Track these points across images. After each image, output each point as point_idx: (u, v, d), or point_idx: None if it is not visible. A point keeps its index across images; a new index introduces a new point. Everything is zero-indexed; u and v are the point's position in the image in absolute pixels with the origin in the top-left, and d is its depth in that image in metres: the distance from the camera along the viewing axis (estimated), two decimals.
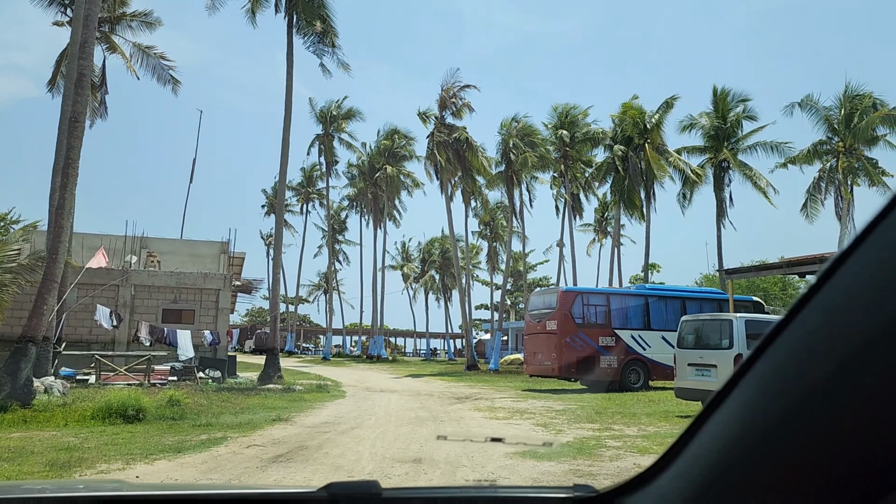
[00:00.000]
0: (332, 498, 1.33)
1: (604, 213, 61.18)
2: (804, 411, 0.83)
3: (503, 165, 37.54)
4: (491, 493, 1.61)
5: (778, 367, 0.88)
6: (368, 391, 20.90)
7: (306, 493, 1.42)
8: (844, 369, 0.78)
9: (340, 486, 1.35)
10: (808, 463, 0.83)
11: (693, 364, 13.63)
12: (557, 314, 21.62)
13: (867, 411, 0.77)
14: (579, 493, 1.34)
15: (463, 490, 1.69)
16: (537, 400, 18.08)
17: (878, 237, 0.77)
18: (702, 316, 14.18)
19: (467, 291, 52.07)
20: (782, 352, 0.87)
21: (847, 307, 0.78)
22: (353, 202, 61.55)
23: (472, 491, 1.75)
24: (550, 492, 1.42)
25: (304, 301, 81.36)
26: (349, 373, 33.13)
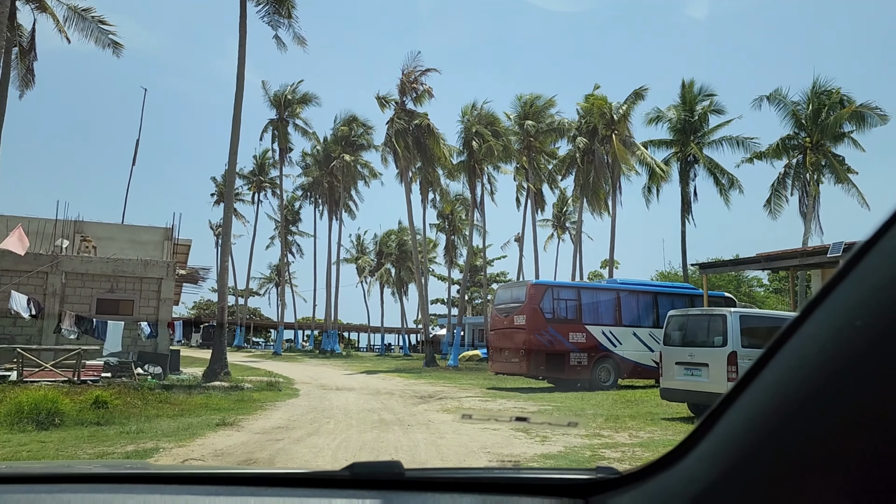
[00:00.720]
0: (355, 477, 1.35)
1: (562, 209, 60.58)
2: (838, 389, 0.81)
3: (465, 155, 36.25)
4: (513, 473, 1.53)
5: (811, 343, 0.85)
6: (324, 389, 19.39)
7: (329, 473, 1.42)
8: (880, 345, 0.78)
9: (363, 465, 1.38)
10: (843, 443, 0.81)
11: (682, 363, 12.56)
12: (526, 308, 20.44)
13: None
14: (602, 474, 1.28)
15: (486, 471, 1.64)
16: (506, 400, 16.86)
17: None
18: (691, 311, 13.12)
19: (425, 285, 50.77)
20: (817, 327, 0.84)
21: (886, 279, 0.79)
22: (307, 192, 59.50)
23: (495, 472, 1.62)
24: (573, 473, 1.39)
25: (254, 294, 78.94)
26: (302, 368, 31.46)
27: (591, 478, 1.30)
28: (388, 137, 34.60)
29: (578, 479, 1.32)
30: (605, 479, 1.26)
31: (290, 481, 1.48)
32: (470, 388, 20.78)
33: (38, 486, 1.49)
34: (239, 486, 1.45)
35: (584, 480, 1.31)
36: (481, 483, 1.43)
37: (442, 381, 24.36)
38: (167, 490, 1.43)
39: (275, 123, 45.92)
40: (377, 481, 1.38)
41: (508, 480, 1.44)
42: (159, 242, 25.49)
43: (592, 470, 1.35)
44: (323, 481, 1.45)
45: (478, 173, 36.47)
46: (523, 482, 1.42)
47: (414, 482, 1.38)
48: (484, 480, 1.45)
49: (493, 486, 1.41)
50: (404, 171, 34.99)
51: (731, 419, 0.95)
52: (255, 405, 13.69)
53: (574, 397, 17.45)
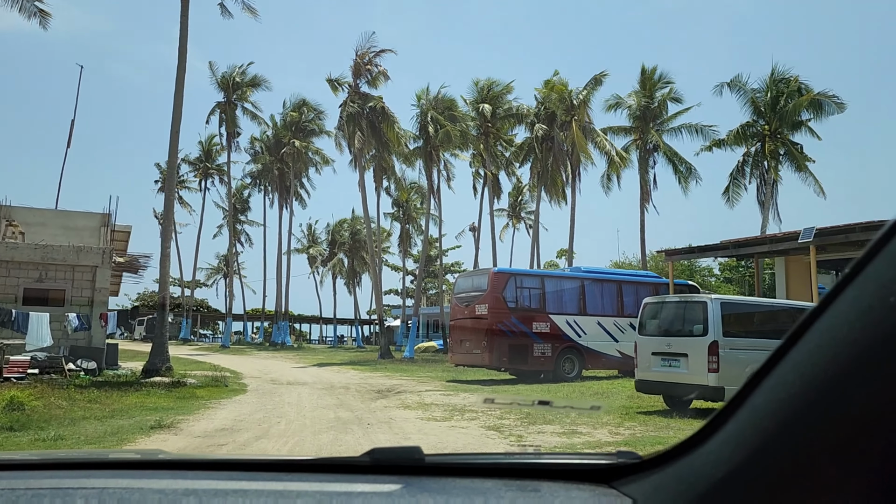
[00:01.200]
0: (375, 463, 1.36)
1: (518, 198, 60.02)
2: (869, 369, 0.79)
3: (421, 140, 35.15)
4: (534, 458, 1.54)
5: (841, 322, 0.83)
6: (274, 384, 18.19)
7: (349, 458, 1.44)
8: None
9: (382, 451, 1.38)
10: (874, 424, 0.79)
11: (658, 353, 11.82)
12: (488, 297, 19.56)
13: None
14: (623, 458, 1.28)
15: (506, 456, 1.64)
16: (469, 393, 15.96)
17: None
18: (668, 298, 12.39)
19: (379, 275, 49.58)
20: (848, 305, 0.83)
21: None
22: (256, 179, 57.50)
23: (516, 457, 1.65)
24: (594, 458, 1.40)
25: (202, 285, 76.41)
26: (251, 362, 30.05)
27: (612, 462, 1.28)
28: (342, 121, 33.27)
29: (600, 464, 1.31)
30: (626, 464, 1.24)
31: (310, 467, 1.47)
32: (429, 381, 19.84)
33: (57, 472, 1.47)
34: (259, 472, 1.44)
35: (605, 465, 1.29)
36: (502, 468, 1.42)
37: (399, 373, 23.37)
38: (186, 476, 1.42)
39: (222, 106, 44.00)
40: (397, 466, 1.38)
41: (529, 465, 1.43)
42: (96, 229, 23.80)
43: (614, 454, 1.33)
44: (342, 467, 1.46)
45: (434, 160, 35.44)
46: (544, 467, 1.41)
47: (434, 467, 1.39)
48: (504, 466, 1.45)
49: (514, 471, 1.40)
50: (358, 157, 33.73)
51: (757, 401, 0.93)
52: (198, 403, 12.46)
53: (540, 390, 16.67)
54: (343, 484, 1.32)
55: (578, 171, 33.51)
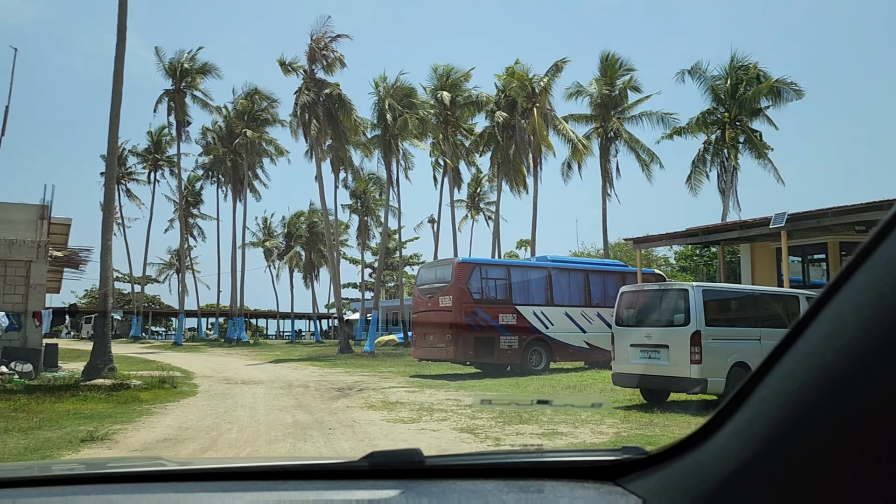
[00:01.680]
0: (374, 467, 1.34)
1: (477, 189, 59.37)
2: (880, 358, 0.78)
3: (379, 129, 34.13)
4: (537, 457, 1.51)
5: (850, 310, 0.81)
6: (227, 384, 17.12)
7: (347, 463, 1.42)
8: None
9: (382, 454, 1.37)
10: (887, 416, 0.77)
11: (637, 345, 11.19)
12: (452, 288, 18.78)
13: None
14: (628, 455, 1.26)
15: (508, 455, 1.59)
16: (435, 390, 15.18)
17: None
18: (647, 287, 11.75)
19: (337, 268, 48.43)
20: (856, 292, 0.81)
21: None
22: (209, 171, 55.62)
23: (518, 456, 1.52)
24: (598, 454, 1.37)
25: (153, 281, 74.02)
26: (204, 360, 28.76)
27: (617, 459, 1.25)
28: (297, 109, 32.04)
29: (605, 461, 1.28)
30: (632, 460, 1.21)
31: (309, 474, 1.44)
32: (392, 377, 19.00)
33: (48, 488, 1.44)
34: (255, 482, 1.42)
35: (610, 462, 1.26)
36: (504, 468, 1.39)
37: (360, 369, 22.47)
38: (181, 488, 1.39)
39: (170, 94, 42.19)
40: (397, 470, 1.35)
41: (532, 464, 1.40)
42: (32, 221, 22.22)
43: (618, 451, 1.30)
44: (342, 472, 1.42)
45: (393, 149, 34.46)
46: (547, 465, 1.38)
47: (434, 470, 1.36)
48: (507, 465, 1.41)
49: (517, 470, 1.37)
50: (314, 146, 32.55)
51: (764, 393, 0.92)
52: (140, 409, 11.38)
53: (509, 385, 15.97)
54: (342, 492, 1.29)
55: (540, 160, 32.93)
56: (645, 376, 11.11)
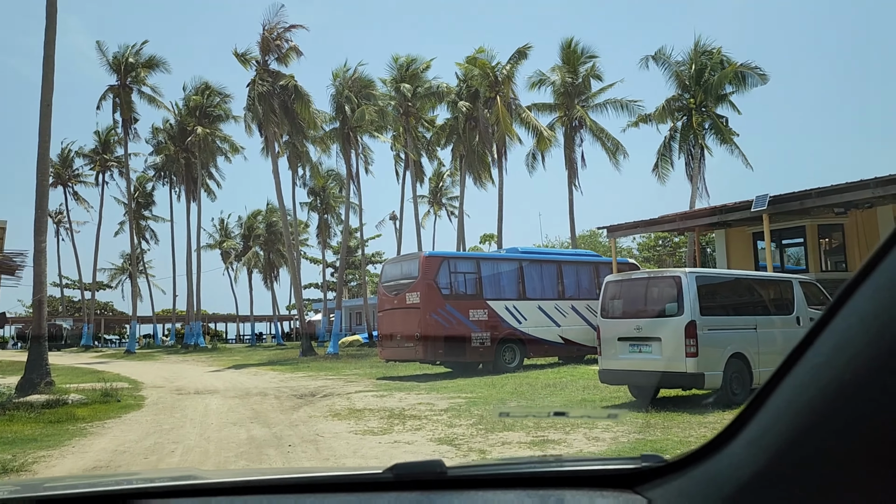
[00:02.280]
0: (398, 479, 1.34)
1: (439, 184, 58.38)
2: (885, 371, 0.79)
3: (337, 122, 32.82)
4: (557, 466, 1.54)
5: (857, 323, 0.82)
6: (179, 394, 15.79)
7: (372, 475, 1.44)
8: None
9: (405, 466, 1.38)
10: (893, 427, 0.78)
11: (626, 338, 10.28)
12: (420, 284, 17.71)
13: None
14: (647, 462, 1.27)
15: (529, 464, 1.64)
16: (405, 393, 14.12)
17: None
18: (635, 275, 10.83)
19: (297, 268, 46.95)
20: (863, 305, 0.82)
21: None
22: (160, 171, 53.56)
23: (539, 465, 1.59)
24: (617, 462, 1.39)
25: (104, 287, 71.35)
26: (157, 368, 27.19)
27: (636, 467, 1.26)
28: (251, 101, 30.53)
29: (623, 469, 1.29)
30: (651, 468, 1.22)
31: (333, 486, 1.44)
32: (358, 380, 17.87)
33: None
34: (281, 495, 1.42)
35: (629, 470, 1.27)
36: (524, 478, 1.40)
37: (323, 372, 21.28)
38: (211, 503, 1.39)
39: (115, 90, 40.13)
40: (419, 481, 1.36)
41: (552, 474, 1.41)
42: None
43: (637, 458, 1.31)
44: (366, 484, 1.43)
45: (352, 142, 33.18)
46: (567, 475, 1.39)
47: (456, 480, 1.37)
48: (528, 475, 1.42)
49: (538, 480, 1.38)
50: (270, 141, 31.10)
51: (777, 402, 0.93)
52: (73, 429, 10.06)
53: (484, 385, 14.97)
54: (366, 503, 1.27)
55: (505, 150, 32.02)
56: (635, 372, 10.21)
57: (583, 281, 20.50)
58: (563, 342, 19.39)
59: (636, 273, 11.02)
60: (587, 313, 19.96)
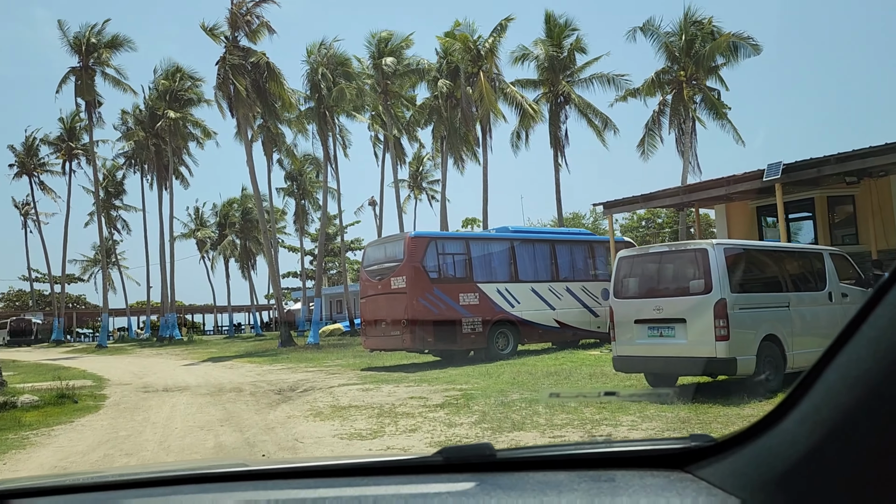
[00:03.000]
0: (447, 461, 1.37)
1: (419, 168, 57.00)
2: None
3: (313, 101, 31.28)
4: (605, 447, 1.48)
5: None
6: (145, 392, 14.45)
7: (421, 459, 1.47)
8: None
9: (454, 449, 1.41)
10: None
11: (644, 320, 9.12)
12: (406, 267, 16.46)
13: None
14: (696, 442, 1.26)
15: (578, 446, 1.58)
16: (393, 385, 12.91)
17: None
18: (654, 249, 9.63)
19: (275, 256, 45.45)
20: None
21: None
22: (131, 159, 51.56)
23: (588, 447, 1.54)
24: (667, 443, 1.37)
25: (77, 280, 69.21)
26: (127, 363, 25.74)
27: (685, 447, 1.26)
28: (220, 80, 28.89)
29: (673, 449, 1.29)
30: (700, 448, 1.23)
31: (384, 470, 1.48)
32: (341, 372, 16.63)
33: (146, 490, 1.48)
34: (336, 478, 1.44)
35: (678, 450, 1.27)
36: (574, 459, 1.40)
37: (304, 364, 20.01)
38: (268, 485, 1.42)
39: (77, 72, 38.18)
40: (469, 464, 1.37)
41: (601, 455, 1.40)
42: None
43: (686, 438, 1.31)
44: (416, 468, 1.47)
45: (329, 123, 31.66)
46: (616, 455, 1.39)
47: (506, 463, 1.38)
48: (578, 457, 1.43)
49: (587, 461, 1.38)
50: (242, 123, 29.49)
51: (831, 378, 0.92)
52: (13, 440, 8.68)
53: (478, 374, 13.80)
54: (418, 485, 1.31)
55: (489, 128, 30.73)
56: (655, 358, 9.07)
57: (577, 261, 19.38)
58: (558, 326, 18.28)
59: (654, 247, 9.82)
60: (583, 295, 18.87)
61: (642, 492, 1.17)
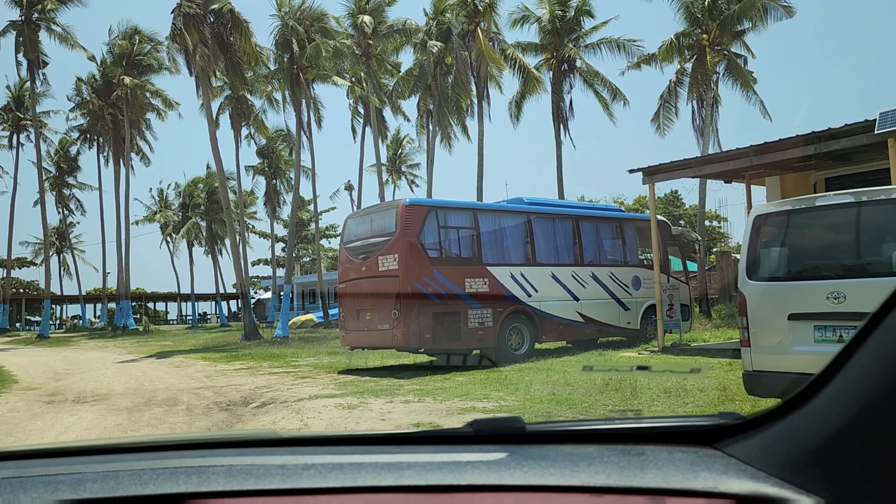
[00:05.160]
0: (478, 433, 1.38)
1: (398, 150, 53.21)
2: None
3: (285, 60, 27.37)
4: (634, 423, 1.48)
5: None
6: (48, 404, 10.73)
7: (452, 430, 1.47)
8: None
9: (485, 421, 1.41)
10: None
11: (808, 315, 5.65)
12: (399, 243, 12.86)
13: None
14: (724, 419, 1.26)
15: (607, 421, 1.53)
16: (385, 399, 9.35)
17: None
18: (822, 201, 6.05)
19: (241, 238, 41.51)
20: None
21: None
22: (85, 133, 47.12)
23: (616, 421, 1.49)
24: (695, 420, 1.37)
25: (28, 264, 64.45)
26: (59, 357, 21.82)
27: (714, 424, 1.26)
28: (176, 29, 24.84)
29: (701, 426, 1.30)
30: (729, 425, 1.23)
31: (416, 440, 1.49)
32: (313, 376, 13.04)
33: (189, 452, 1.51)
34: (370, 446, 1.44)
35: (707, 426, 1.27)
36: (603, 434, 1.40)
37: (267, 362, 16.39)
38: (304, 451, 1.43)
39: (18, 27, 33.80)
40: (499, 436, 1.38)
41: (630, 430, 1.40)
42: None
43: (715, 416, 1.31)
44: (447, 438, 1.49)
45: (303, 86, 27.74)
46: (645, 431, 1.38)
47: (536, 435, 1.39)
48: (606, 431, 1.42)
49: (616, 435, 1.38)
50: (202, 77, 25.49)
51: (865, 356, 0.92)
52: None
53: (496, 383, 10.27)
54: (449, 454, 1.32)
55: (487, 92, 27.09)
56: None
57: (605, 242, 15.99)
58: (582, 321, 14.88)
59: (820, 198, 6.19)
60: (611, 283, 15.50)
61: (671, 466, 1.15)
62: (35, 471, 1.32)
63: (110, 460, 1.40)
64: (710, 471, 1.11)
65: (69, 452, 1.51)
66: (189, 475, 1.28)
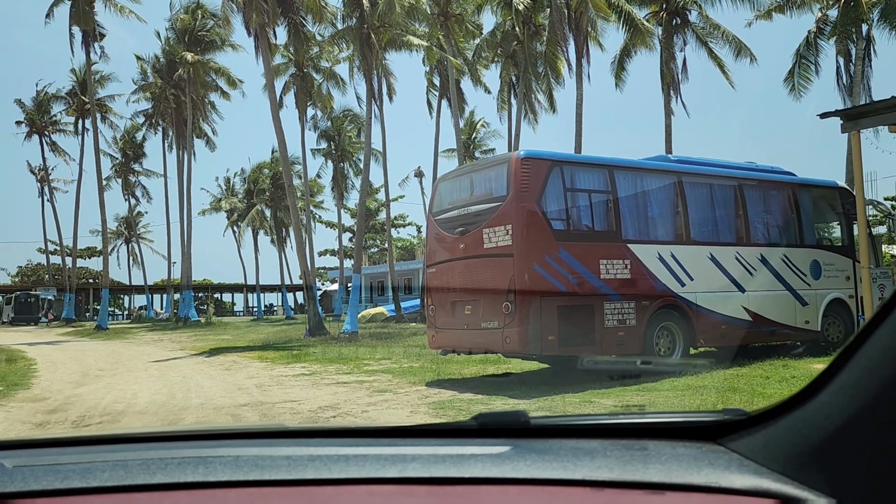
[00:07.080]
0: (483, 426, 1.38)
1: (472, 135, 49.61)
2: None
3: (354, 19, 24.19)
4: (639, 418, 1.51)
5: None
6: (38, 426, 7.75)
7: (457, 423, 1.49)
8: None
9: (489, 415, 1.41)
10: None
11: None
12: (514, 209, 9.33)
13: None
14: (729, 415, 1.25)
15: (611, 416, 1.57)
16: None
17: None
18: None
19: (307, 226, 38.90)
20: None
21: None
22: (151, 118, 45.42)
23: (621, 416, 1.55)
24: (699, 415, 1.37)
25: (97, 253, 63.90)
26: (104, 353, 19.27)
27: (718, 419, 1.26)
28: None
29: (706, 421, 1.30)
30: (733, 421, 1.23)
31: (421, 432, 1.50)
32: (394, 388, 9.73)
33: (195, 442, 1.51)
34: (375, 438, 1.46)
35: (711, 422, 1.27)
36: (607, 428, 1.40)
37: (334, 366, 13.24)
38: (309, 443, 1.44)
39: None
40: (504, 429, 1.39)
41: (634, 425, 1.41)
42: None
43: (719, 412, 1.30)
44: (452, 431, 1.49)
45: (374, 49, 24.51)
46: (649, 426, 1.39)
47: (540, 429, 1.40)
48: (610, 426, 1.42)
49: (620, 430, 1.39)
50: (260, 37, 22.53)
51: (871, 351, 0.91)
52: None
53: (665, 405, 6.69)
54: (454, 447, 1.32)
55: (587, 49, 23.21)
56: None
57: (774, 214, 12.10)
58: (749, 319, 11.05)
59: None
60: (784, 270, 11.62)
61: (674, 461, 1.15)
62: (45, 459, 1.30)
63: (119, 450, 1.40)
64: (713, 466, 1.10)
65: (79, 442, 1.51)
66: (196, 465, 1.27)
